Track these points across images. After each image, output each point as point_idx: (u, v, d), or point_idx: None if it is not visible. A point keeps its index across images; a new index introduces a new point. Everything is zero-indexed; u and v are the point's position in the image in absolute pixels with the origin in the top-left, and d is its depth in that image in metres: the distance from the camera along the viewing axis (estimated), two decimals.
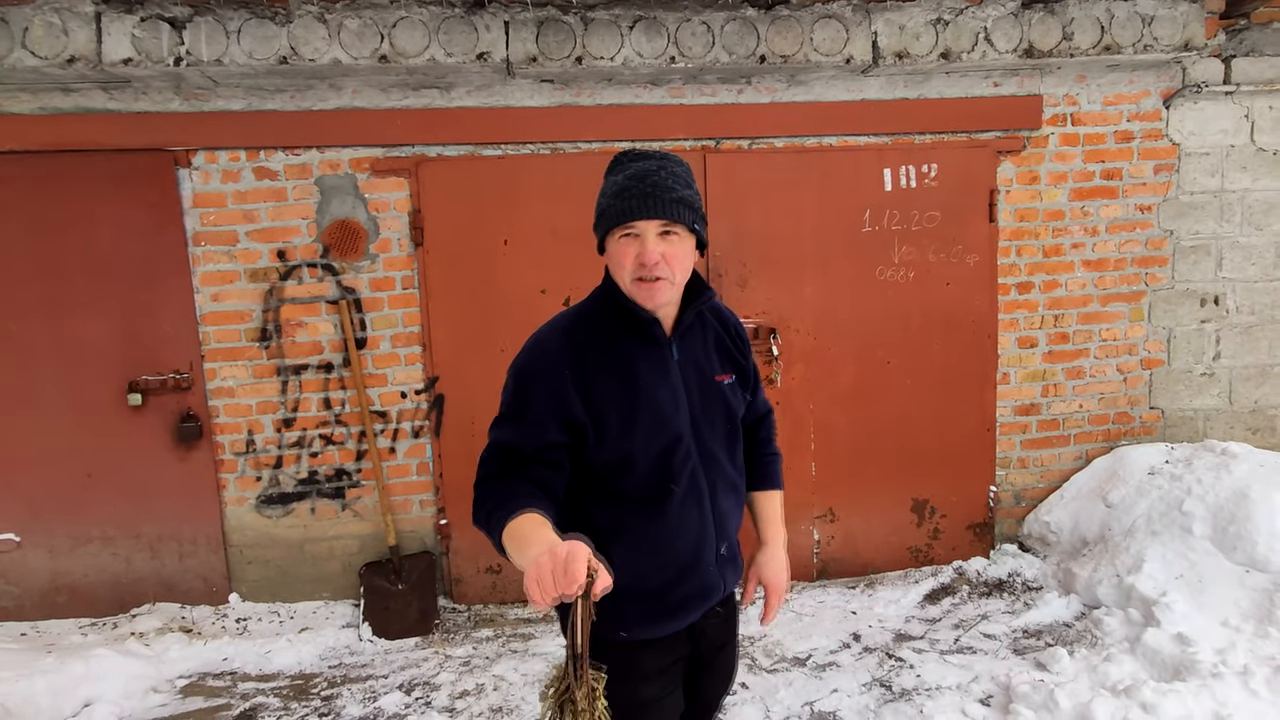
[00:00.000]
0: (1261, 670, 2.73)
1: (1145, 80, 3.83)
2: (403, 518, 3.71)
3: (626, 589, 1.44)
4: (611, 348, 1.47)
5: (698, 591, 1.56)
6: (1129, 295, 3.97)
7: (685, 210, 1.42)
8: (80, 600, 3.56)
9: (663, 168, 1.44)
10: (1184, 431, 4.08)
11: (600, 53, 3.31)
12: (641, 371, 1.47)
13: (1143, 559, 3.35)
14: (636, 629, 1.53)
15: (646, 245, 1.40)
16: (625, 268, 1.43)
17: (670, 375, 1.50)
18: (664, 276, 1.42)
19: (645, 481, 1.48)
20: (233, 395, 3.56)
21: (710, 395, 1.56)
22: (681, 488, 1.50)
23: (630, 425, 1.44)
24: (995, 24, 3.50)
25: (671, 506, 1.49)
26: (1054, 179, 3.86)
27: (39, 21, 3.04)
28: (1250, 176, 3.94)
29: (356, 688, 3.09)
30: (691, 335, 1.57)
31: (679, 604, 1.55)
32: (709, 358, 1.58)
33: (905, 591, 3.71)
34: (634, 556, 1.48)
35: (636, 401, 1.45)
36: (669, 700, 1.62)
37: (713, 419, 1.55)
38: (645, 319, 1.47)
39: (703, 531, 1.54)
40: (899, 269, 3.81)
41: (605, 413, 1.44)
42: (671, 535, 1.51)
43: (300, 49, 3.17)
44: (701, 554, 1.54)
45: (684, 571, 1.53)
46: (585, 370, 1.44)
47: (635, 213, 1.39)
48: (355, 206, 3.54)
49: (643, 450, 1.46)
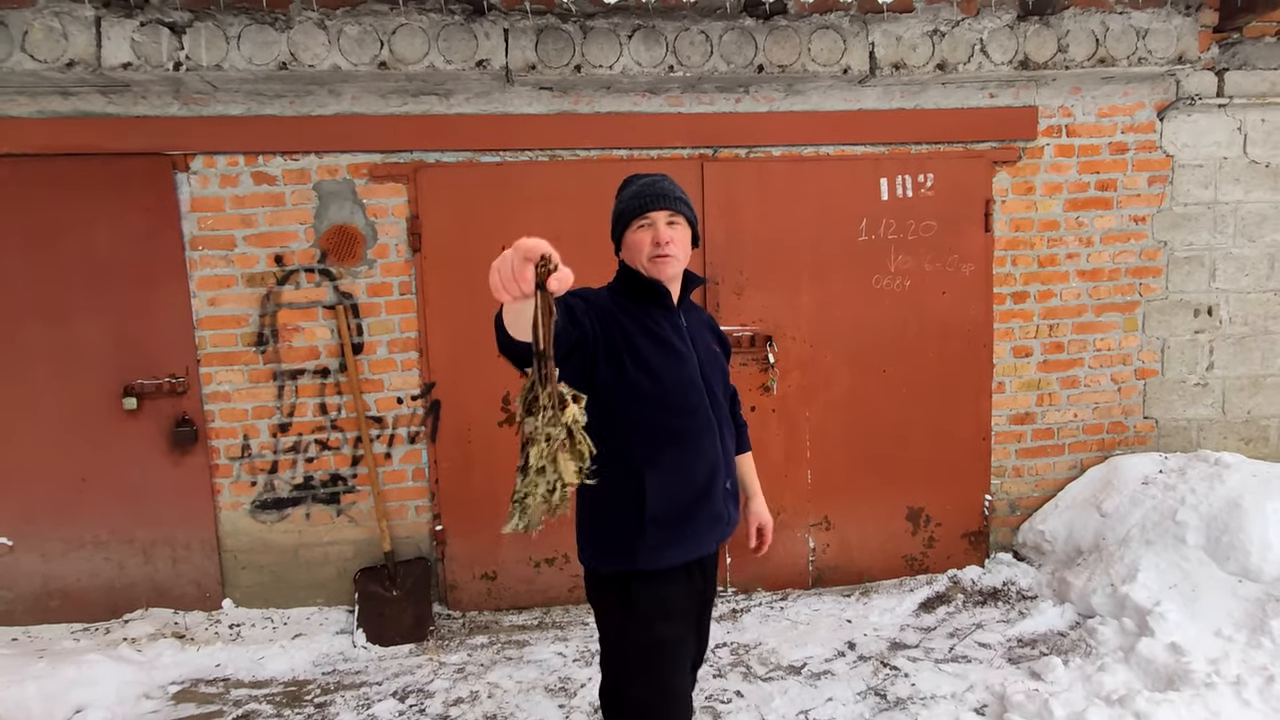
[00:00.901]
0: (1254, 680, 2.74)
1: (1139, 92, 3.87)
2: (398, 524, 3.70)
3: (654, 516, 1.79)
4: (638, 307, 1.87)
5: (711, 516, 1.87)
6: (1123, 305, 3.99)
7: (684, 207, 1.88)
8: (73, 605, 3.54)
9: (664, 179, 1.91)
10: (1178, 441, 4.10)
11: (599, 61, 3.33)
12: (662, 324, 1.86)
13: (1137, 568, 3.36)
14: (663, 553, 1.81)
15: (659, 229, 1.84)
16: (643, 250, 1.84)
17: (682, 333, 1.90)
18: (672, 254, 1.84)
19: (672, 412, 1.81)
20: (228, 400, 3.55)
21: (709, 357, 1.95)
22: (700, 420, 1.84)
23: (659, 362, 1.81)
24: (991, 36, 3.52)
25: (691, 435, 1.83)
26: (1049, 189, 3.89)
27: (39, 25, 3.05)
28: (1243, 188, 3.97)
29: (350, 695, 3.08)
30: (690, 314, 1.98)
31: (696, 529, 1.85)
32: (703, 332, 2.01)
33: (900, 600, 3.72)
34: (663, 482, 1.80)
35: (661, 344, 1.83)
36: (683, 646, 1.88)
37: (713, 373, 1.93)
38: (661, 290, 1.88)
39: (716, 461, 1.87)
40: (895, 278, 3.82)
41: (639, 345, 1.79)
42: (693, 461, 1.83)
43: (300, 55, 3.18)
44: (715, 482, 1.87)
45: (700, 497, 1.84)
46: (622, 311, 1.82)
47: (649, 206, 1.84)
48: (353, 212, 3.54)
49: (670, 384, 1.80)
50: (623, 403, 1.77)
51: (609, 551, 1.84)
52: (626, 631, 1.84)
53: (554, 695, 3.02)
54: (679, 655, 1.86)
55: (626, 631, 1.84)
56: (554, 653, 3.34)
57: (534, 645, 3.42)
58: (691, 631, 1.93)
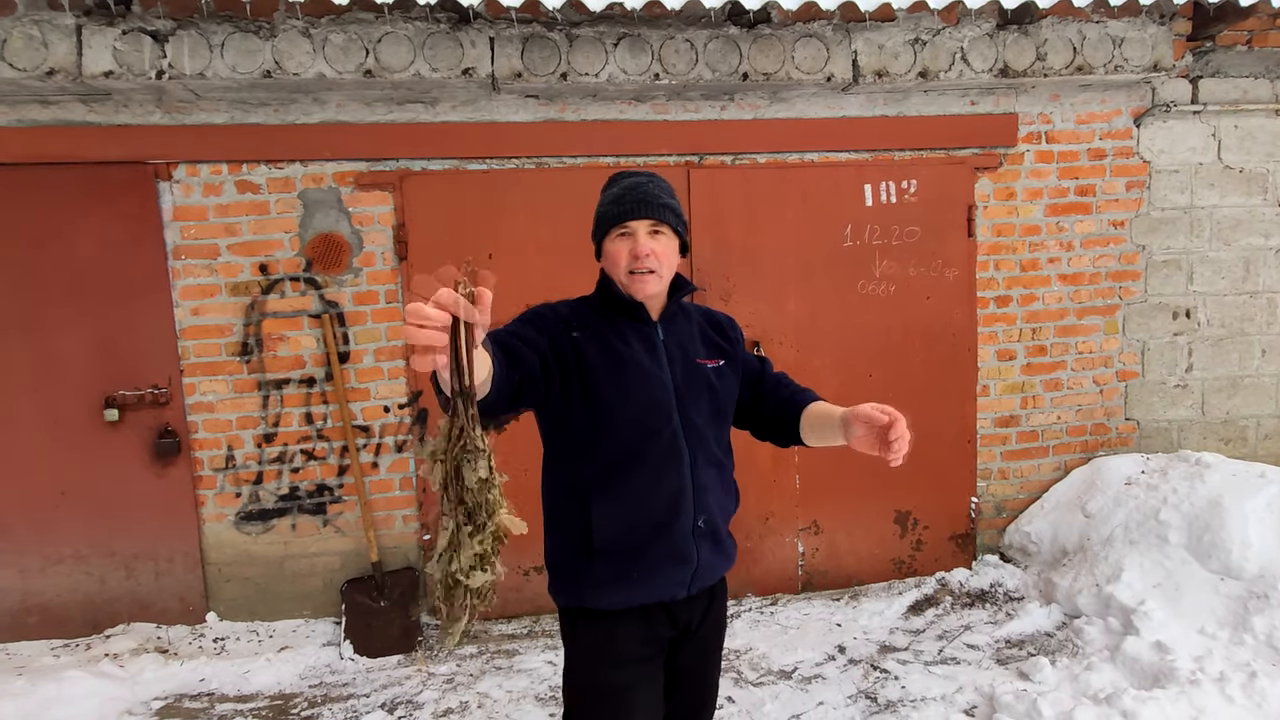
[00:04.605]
0: (1237, 676, 2.78)
1: (1116, 99, 3.94)
2: (385, 534, 3.67)
3: (602, 547, 1.59)
4: (605, 321, 1.67)
5: (673, 556, 1.62)
6: (1104, 309, 4.05)
7: (670, 214, 1.65)
8: (52, 621, 3.48)
9: (650, 181, 1.68)
10: (1159, 442, 4.16)
11: (585, 69, 3.34)
12: (629, 340, 1.66)
13: (1121, 568, 3.40)
14: (609, 592, 1.60)
15: (639, 240, 1.62)
16: (621, 263, 1.63)
17: (656, 349, 1.68)
18: (654, 269, 1.62)
19: (628, 434, 1.60)
20: (212, 410, 3.51)
21: (693, 373, 1.69)
22: (662, 445, 1.61)
23: (616, 380, 1.60)
24: (971, 44, 3.58)
25: (650, 461, 1.60)
26: (1030, 195, 3.94)
27: (18, 33, 3.02)
28: (1218, 193, 4.05)
29: (338, 707, 3.04)
30: (676, 322, 1.74)
31: (652, 569, 1.61)
32: (693, 343, 1.74)
33: (889, 603, 3.73)
34: (612, 511, 1.59)
35: (623, 363, 1.61)
36: (644, 695, 1.64)
37: (697, 393, 1.68)
38: (634, 303, 1.67)
39: (680, 494, 1.62)
40: (880, 283, 3.86)
41: (594, 367, 1.59)
42: (648, 491, 1.60)
43: (284, 63, 3.16)
44: (677, 517, 1.62)
45: (657, 531, 1.61)
46: (581, 330, 1.63)
47: (629, 214, 1.62)
48: (339, 220, 3.52)
49: (626, 404, 1.60)
50: (572, 423, 1.61)
51: (558, 582, 1.68)
52: (573, 670, 1.68)
53: (545, 704, 3.00)
54: (633, 704, 1.62)
55: (573, 670, 1.68)
56: (544, 661, 3.32)
57: (524, 654, 3.40)
58: (654, 681, 1.67)
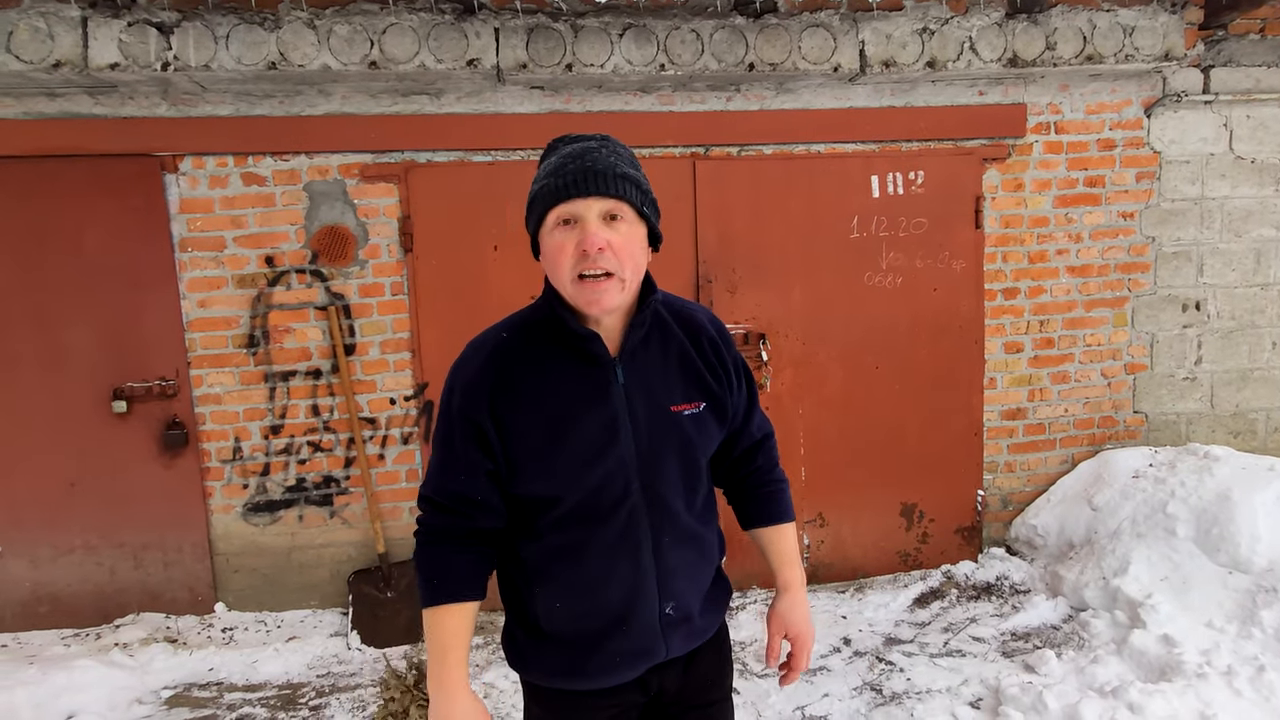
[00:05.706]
0: (1245, 670, 2.76)
1: (1127, 89, 3.90)
2: (392, 525, 3.68)
3: (551, 632, 1.32)
4: (539, 368, 1.25)
5: (629, 651, 1.33)
6: (1112, 301, 4.02)
7: (631, 188, 1.20)
8: (63, 611, 3.51)
9: (604, 146, 1.23)
10: (1167, 435, 4.13)
11: (590, 60, 3.33)
12: (571, 399, 1.24)
13: (1128, 561, 3.39)
14: (562, 679, 1.35)
15: (588, 230, 1.16)
16: (564, 264, 1.18)
17: (610, 402, 1.26)
18: (612, 271, 1.18)
19: (567, 523, 1.27)
20: (219, 402, 3.53)
21: (664, 427, 1.29)
22: (611, 534, 1.28)
23: (550, 462, 1.24)
24: (980, 34, 3.54)
25: (594, 554, 1.28)
26: (1038, 186, 3.91)
27: (24, 26, 3.02)
28: (1229, 184, 4.01)
29: (345, 697, 3.06)
30: (645, 353, 1.30)
31: (606, 661, 1.33)
32: (666, 381, 1.31)
33: (895, 595, 3.73)
34: (556, 601, 1.31)
35: (560, 435, 1.23)
36: None
37: (664, 456, 1.29)
38: (581, 334, 1.23)
39: (638, 587, 1.31)
40: (887, 275, 3.84)
41: (520, 447, 1.24)
42: (595, 585, 1.30)
43: (289, 55, 3.16)
44: (635, 612, 1.31)
45: (613, 626, 1.31)
46: (505, 395, 1.25)
47: (572, 190, 1.16)
48: (344, 212, 3.53)
49: (566, 489, 1.25)
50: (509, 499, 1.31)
51: (510, 656, 1.41)
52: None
53: None
54: None
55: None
56: None
57: None
58: None
